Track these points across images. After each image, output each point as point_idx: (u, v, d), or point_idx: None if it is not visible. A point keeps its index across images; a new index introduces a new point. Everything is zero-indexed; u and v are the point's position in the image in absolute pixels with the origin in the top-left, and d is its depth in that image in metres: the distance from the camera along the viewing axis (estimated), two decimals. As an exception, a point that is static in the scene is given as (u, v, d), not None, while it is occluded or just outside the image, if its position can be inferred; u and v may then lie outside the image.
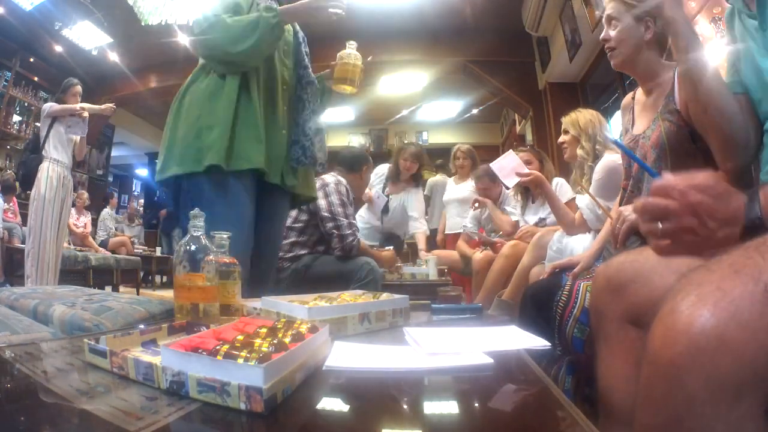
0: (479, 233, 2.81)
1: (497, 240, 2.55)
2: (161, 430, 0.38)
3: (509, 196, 2.67)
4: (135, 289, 5.01)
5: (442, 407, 0.49)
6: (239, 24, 1.30)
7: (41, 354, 0.66)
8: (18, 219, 5.42)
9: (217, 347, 0.49)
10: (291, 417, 0.45)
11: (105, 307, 1.01)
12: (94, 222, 5.68)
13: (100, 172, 6.97)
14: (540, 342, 0.73)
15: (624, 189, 1.37)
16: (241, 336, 0.56)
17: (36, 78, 6.39)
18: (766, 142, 0.73)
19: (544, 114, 4.73)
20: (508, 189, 2.58)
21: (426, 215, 3.38)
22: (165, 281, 6.13)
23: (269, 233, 1.50)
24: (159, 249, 5.96)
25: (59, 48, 5.76)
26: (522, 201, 2.49)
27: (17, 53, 5.96)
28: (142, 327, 0.71)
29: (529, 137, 5.06)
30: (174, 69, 2.85)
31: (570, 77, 4.47)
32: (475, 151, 3.38)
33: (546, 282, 1.39)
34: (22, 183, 3.20)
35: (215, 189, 1.29)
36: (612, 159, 1.68)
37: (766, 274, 0.40)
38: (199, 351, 0.49)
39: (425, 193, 3.50)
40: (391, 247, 2.74)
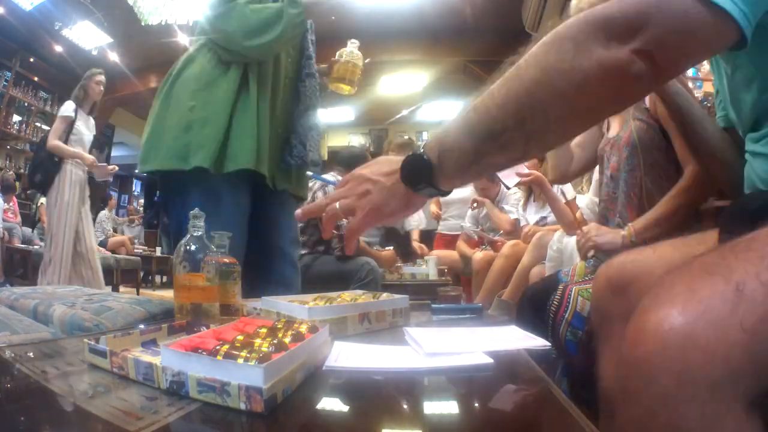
0: (479, 231, 2.81)
1: (498, 239, 2.55)
2: (161, 430, 0.38)
3: (507, 195, 2.67)
4: (135, 289, 5.01)
5: (442, 407, 0.49)
6: (258, 16, 1.17)
7: (41, 354, 0.66)
8: (18, 219, 5.43)
9: (217, 347, 0.49)
10: (291, 417, 0.45)
11: (105, 307, 1.01)
12: (93, 222, 5.68)
13: (100, 171, 6.97)
14: (540, 342, 0.72)
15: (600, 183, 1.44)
16: (241, 336, 0.56)
17: (36, 78, 6.40)
18: (747, 158, 0.73)
19: (544, 114, 4.74)
20: (508, 189, 2.58)
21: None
22: (165, 281, 6.13)
23: (270, 235, 1.38)
24: (159, 249, 5.96)
25: (59, 48, 5.77)
26: (524, 196, 2.49)
27: (17, 53, 5.97)
28: (142, 327, 0.71)
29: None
30: (174, 69, 2.84)
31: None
32: None
33: (542, 284, 1.39)
34: (39, 186, 3.08)
35: (201, 191, 1.19)
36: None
37: (737, 273, 0.40)
38: (199, 351, 0.49)
39: None
40: (391, 247, 2.74)
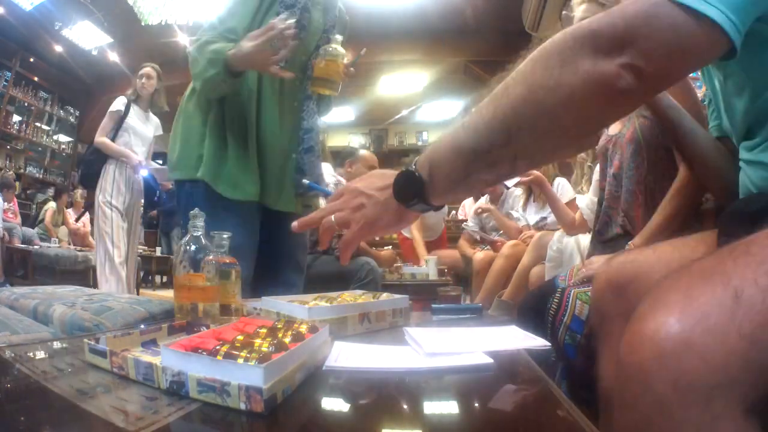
0: (480, 232, 2.81)
1: (498, 239, 2.55)
2: (161, 430, 0.38)
3: (512, 196, 2.67)
4: (135, 289, 5.00)
5: (442, 407, 0.49)
6: (200, 59, 1.18)
7: (41, 354, 0.66)
8: (18, 219, 5.43)
9: (217, 347, 0.49)
10: (291, 417, 0.45)
11: (105, 307, 1.01)
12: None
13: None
14: (540, 342, 0.72)
15: (602, 189, 1.43)
16: (241, 336, 0.56)
17: (36, 78, 6.41)
18: (741, 166, 0.73)
19: (544, 114, 4.74)
20: (508, 189, 2.58)
21: None
22: (165, 281, 6.12)
23: (279, 240, 1.39)
24: (159, 249, 5.96)
25: (59, 48, 5.77)
26: (524, 196, 2.49)
27: (17, 53, 5.98)
28: (142, 327, 0.71)
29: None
30: (174, 69, 2.84)
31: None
32: None
33: (539, 291, 1.39)
34: (83, 182, 3.01)
35: (210, 201, 1.23)
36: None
37: (735, 279, 0.39)
38: (199, 351, 0.49)
39: None
40: (390, 247, 2.74)
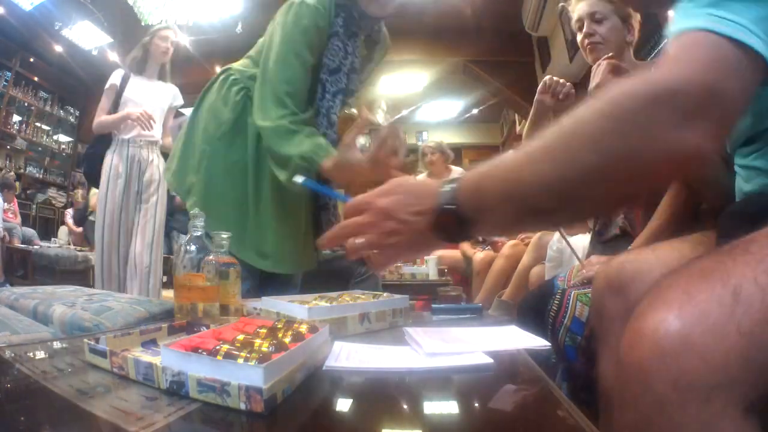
0: None
1: (498, 239, 2.55)
2: (161, 430, 0.39)
3: None
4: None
5: (442, 407, 0.49)
6: (279, 147, 1.07)
7: (41, 354, 0.66)
8: (18, 219, 5.42)
9: (217, 347, 0.49)
10: (291, 417, 0.45)
11: (105, 307, 1.01)
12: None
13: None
14: (540, 342, 0.72)
15: None
16: (241, 336, 0.56)
17: (36, 78, 6.40)
18: (736, 170, 0.73)
19: (544, 114, 4.74)
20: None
21: None
22: (165, 281, 6.12)
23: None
24: (159, 249, 5.94)
25: (59, 48, 5.76)
26: None
27: (17, 53, 5.97)
28: (142, 327, 0.71)
29: (530, 137, 5.06)
30: (174, 69, 2.83)
31: (570, 77, 4.42)
32: (444, 144, 3.37)
33: (539, 291, 1.39)
34: (86, 179, 2.73)
35: None
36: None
37: (735, 277, 0.39)
38: (199, 351, 0.49)
39: None
40: None
